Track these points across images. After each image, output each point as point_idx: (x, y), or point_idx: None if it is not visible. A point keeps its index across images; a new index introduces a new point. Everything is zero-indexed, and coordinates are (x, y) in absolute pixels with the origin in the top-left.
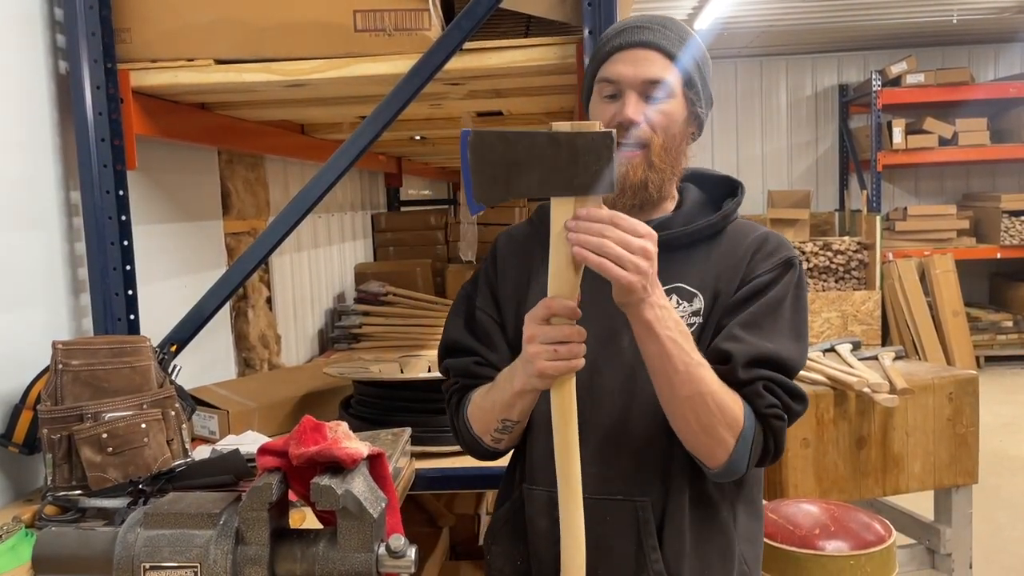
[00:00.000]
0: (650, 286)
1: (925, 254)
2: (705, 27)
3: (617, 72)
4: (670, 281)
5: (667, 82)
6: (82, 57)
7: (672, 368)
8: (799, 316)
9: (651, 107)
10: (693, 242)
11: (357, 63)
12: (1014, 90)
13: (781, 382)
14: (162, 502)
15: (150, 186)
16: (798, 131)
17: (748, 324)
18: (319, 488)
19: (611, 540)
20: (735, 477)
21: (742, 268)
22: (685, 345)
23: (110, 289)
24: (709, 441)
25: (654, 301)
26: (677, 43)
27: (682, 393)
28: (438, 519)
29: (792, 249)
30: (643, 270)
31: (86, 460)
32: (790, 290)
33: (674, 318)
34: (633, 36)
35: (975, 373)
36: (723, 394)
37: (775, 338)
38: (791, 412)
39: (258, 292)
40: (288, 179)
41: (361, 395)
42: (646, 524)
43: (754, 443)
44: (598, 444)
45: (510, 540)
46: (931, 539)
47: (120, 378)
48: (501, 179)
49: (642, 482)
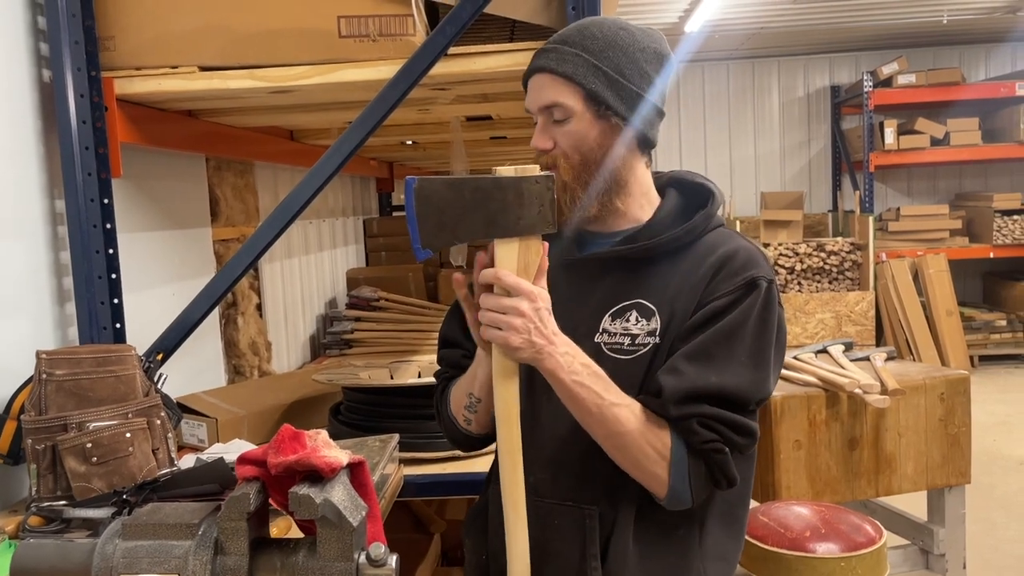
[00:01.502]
0: (540, 340)
1: (918, 254)
2: (695, 29)
3: (527, 102)
4: (631, 296)
5: (561, 104)
6: (65, 65)
7: (584, 411)
8: (761, 341)
9: (557, 130)
10: (657, 256)
11: (342, 69)
12: (1005, 90)
13: (720, 417)
14: (141, 513)
15: (136, 194)
16: (791, 132)
17: (694, 354)
18: (297, 497)
19: (558, 545)
20: (687, 507)
21: (701, 288)
22: (595, 387)
23: (95, 298)
24: (640, 476)
25: (552, 351)
26: (571, 59)
27: (599, 434)
28: (429, 525)
29: (762, 267)
30: (518, 327)
31: (70, 470)
32: (752, 313)
33: (582, 361)
34: (533, 62)
35: (966, 373)
36: (644, 432)
37: (727, 368)
38: (734, 445)
39: (248, 299)
40: (278, 185)
41: (350, 401)
42: (591, 533)
43: (692, 476)
44: (552, 449)
45: (478, 535)
46: (925, 540)
47: (105, 387)
48: (448, 225)
49: (592, 490)
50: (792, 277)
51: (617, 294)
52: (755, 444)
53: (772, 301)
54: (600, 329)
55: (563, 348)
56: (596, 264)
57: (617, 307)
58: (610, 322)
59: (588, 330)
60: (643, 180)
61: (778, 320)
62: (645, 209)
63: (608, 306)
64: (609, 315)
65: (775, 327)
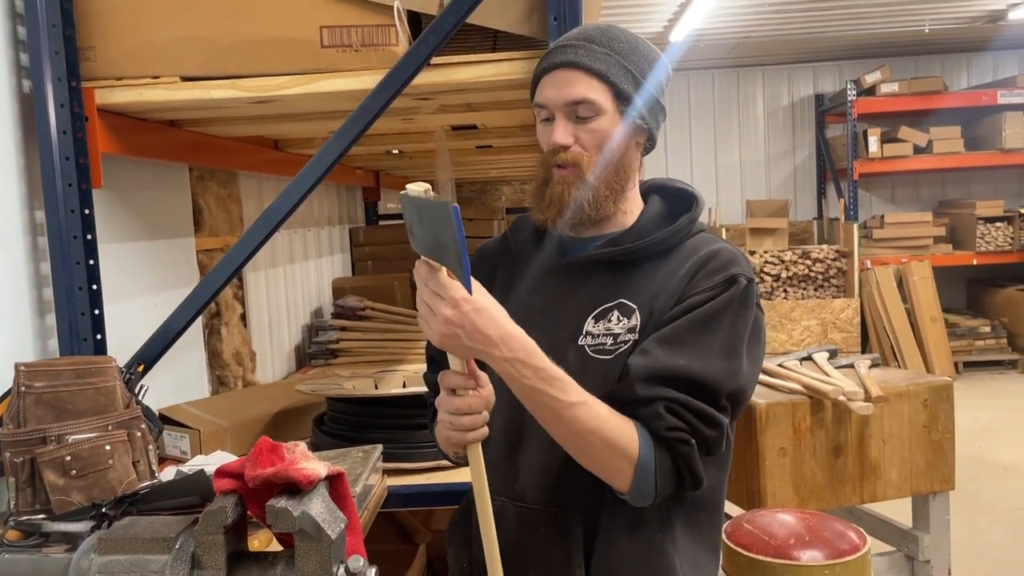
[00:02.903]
0: (475, 344)
1: (903, 261)
2: (680, 39)
3: (545, 96)
4: (614, 297)
5: (592, 101)
6: (46, 76)
7: (541, 413)
8: (735, 334)
9: (581, 127)
10: (640, 259)
11: (324, 79)
12: (987, 98)
13: (687, 403)
14: (117, 527)
15: (118, 204)
16: (775, 141)
17: (666, 338)
18: (275, 510)
19: (543, 550)
20: (649, 503)
21: (682, 286)
22: (550, 389)
23: (76, 309)
24: (604, 472)
25: (498, 356)
26: (603, 58)
27: (558, 433)
28: (414, 536)
29: (742, 267)
30: (439, 330)
31: (49, 483)
32: (729, 306)
33: (533, 365)
34: (556, 57)
35: (949, 379)
36: (606, 430)
37: (698, 354)
38: (701, 437)
39: (232, 309)
40: (263, 195)
41: (334, 412)
42: (575, 539)
43: (659, 470)
44: (538, 455)
45: (460, 544)
46: (910, 546)
47: (84, 399)
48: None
49: (576, 496)
50: (778, 284)
51: (600, 297)
52: (723, 440)
53: (750, 299)
54: (584, 332)
55: (507, 353)
56: (579, 268)
57: (600, 309)
58: (593, 324)
59: (572, 334)
60: (636, 184)
61: (755, 320)
62: (629, 214)
63: (591, 309)
64: (592, 318)
65: (750, 323)
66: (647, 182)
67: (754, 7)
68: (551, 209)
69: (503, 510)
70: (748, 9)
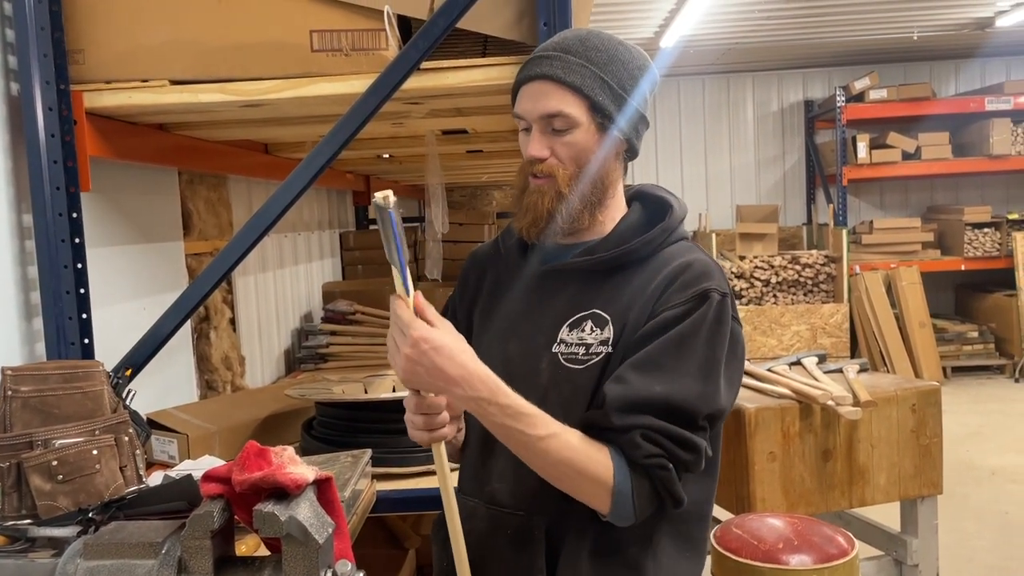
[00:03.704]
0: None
1: (891, 266)
2: (671, 45)
3: (521, 108)
4: (589, 306)
5: (567, 114)
6: (34, 79)
7: (513, 446)
8: (712, 354)
9: (557, 140)
10: (613, 269)
11: (314, 83)
12: (974, 105)
13: (665, 430)
14: (103, 532)
15: (107, 208)
16: (765, 146)
17: (642, 363)
18: (262, 515)
19: (509, 553)
20: (631, 523)
21: (654, 299)
22: (518, 425)
23: (63, 313)
24: (582, 497)
25: (461, 394)
26: (578, 70)
27: (532, 464)
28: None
29: (715, 280)
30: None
31: (35, 488)
32: (704, 325)
33: (498, 403)
34: (531, 69)
35: (937, 384)
36: (579, 460)
37: (674, 379)
38: (679, 461)
39: (221, 313)
40: (252, 199)
41: (323, 417)
42: (539, 544)
43: (636, 495)
44: (509, 461)
45: (441, 543)
46: (898, 550)
47: (71, 404)
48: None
49: (544, 503)
50: (768, 289)
51: (575, 305)
52: (702, 461)
53: (724, 314)
54: (558, 340)
55: (470, 392)
56: (557, 276)
57: (574, 318)
58: (568, 332)
59: (547, 341)
60: (618, 192)
61: (732, 334)
62: (608, 221)
63: (566, 317)
64: (567, 326)
65: (727, 340)
66: (631, 188)
67: (744, 14)
68: (526, 217)
69: (475, 511)
70: (738, 15)
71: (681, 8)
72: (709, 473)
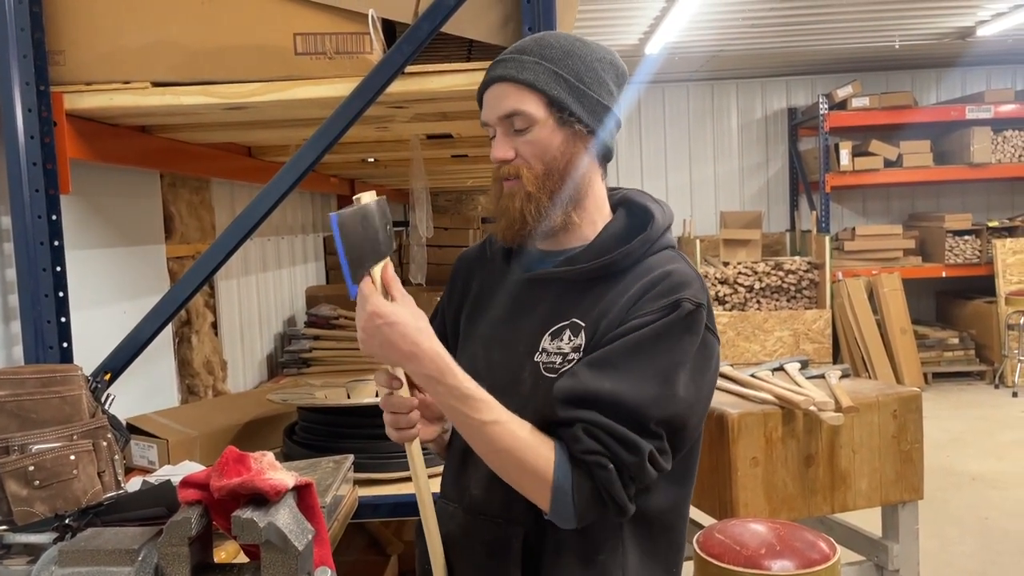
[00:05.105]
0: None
1: (873, 273)
2: (655, 52)
3: (484, 114)
4: (569, 316)
5: (523, 112)
6: (13, 79)
7: (461, 429)
8: (672, 360)
9: (519, 139)
10: (592, 279)
11: (297, 86)
12: (955, 113)
13: (608, 427)
14: (79, 538)
15: (87, 210)
16: (749, 153)
17: (596, 361)
18: (240, 521)
19: (485, 560)
20: (573, 526)
21: (627, 307)
22: (463, 407)
23: (42, 316)
24: (524, 491)
25: (412, 371)
26: (531, 67)
27: (478, 450)
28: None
29: (691, 290)
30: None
31: (11, 494)
32: (670, 331)
33: (445, 384)
34: (489, 74)
35: (918, 390)
36: (520, 450)
37: (629, 378)
38: (620, 462)
39: (203, 317)
40: (235, 202)
41: (305, 422)
42: (514, 554)
43: (576, 494)
44: (485, 467)
45: (424, 546)
46: (879, 555)
47: (49, 408)
48: (368, 254)
49: (519, 511)
50: (751, 295)
51: (556, 314)
52: (646, 467)
53: (696, 324)
54: (540, 348)
55: (419, 369)
56: (539, 284)
57: (555, 327)
58: (549, 341)
59: (529, 349)
60: (599, 195)
61: (704, 344)
62: (592, 226)
63: (547, 326)
64: (548, 335)
65: (693, 349)
66: (617, 193)
67: (728, 22)
68: (502, 221)
69: (454, 515)
70: (723, 23)
71: (666, 15)
72: (677, 482)
